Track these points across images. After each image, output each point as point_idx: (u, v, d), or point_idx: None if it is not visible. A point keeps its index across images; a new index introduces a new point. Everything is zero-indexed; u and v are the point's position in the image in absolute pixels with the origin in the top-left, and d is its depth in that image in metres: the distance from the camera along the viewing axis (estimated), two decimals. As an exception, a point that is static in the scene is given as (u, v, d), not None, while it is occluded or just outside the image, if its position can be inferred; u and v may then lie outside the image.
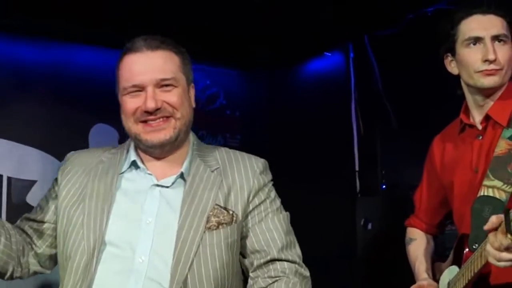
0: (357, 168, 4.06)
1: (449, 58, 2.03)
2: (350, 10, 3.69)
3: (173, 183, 1.72)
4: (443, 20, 2.04)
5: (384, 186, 3.73)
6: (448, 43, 2.00)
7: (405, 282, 2.20)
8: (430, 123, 2.58)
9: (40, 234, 1.77)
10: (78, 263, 1.63)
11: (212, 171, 1.73)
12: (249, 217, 1.72)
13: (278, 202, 1.80)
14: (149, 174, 1.74)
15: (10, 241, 1.68)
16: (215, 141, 4.86)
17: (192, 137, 1.82)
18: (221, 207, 1.68)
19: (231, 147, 1.89)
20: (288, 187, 4.58)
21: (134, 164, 1.76)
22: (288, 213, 1.83)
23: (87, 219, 1.66)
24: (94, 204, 1.69)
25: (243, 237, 1.72)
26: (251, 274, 1.73)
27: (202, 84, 4.96)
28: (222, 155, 1.80)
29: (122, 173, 1.76)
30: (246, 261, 1.74)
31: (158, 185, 1.71)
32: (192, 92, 1.80)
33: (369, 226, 3.58)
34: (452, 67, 2.03)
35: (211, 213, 1.66)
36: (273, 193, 1.80)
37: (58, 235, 1.73)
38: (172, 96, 1.69)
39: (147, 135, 1.68)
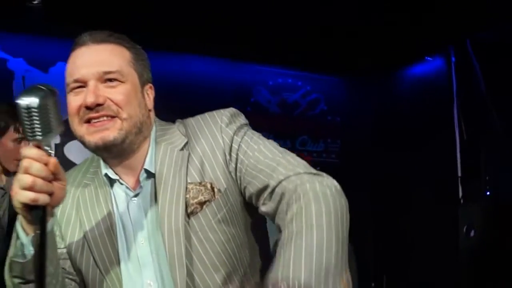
0: (459, 174, 3.99)
1: None
2: (450, 14, 3.66)
3: (141, 186, 1.53)
4: None
5: (488, 193, 3.63)
6: None
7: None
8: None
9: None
10: None
11: (181, 149, 1.53)
12: (237, 170, 1.50)
13: (255, 137, 1.53)
14: (122, 184, 1.55)
15: None
16: (316, 145, 4.96)
17: (154, 129, 1.59)
18: (196, 184, 1.48)
19: (331, 152, 1.53)
20: (391, 192, 4.64)
21: (108, 177, 1.56)
22: (271, 140, 1.55)
23: (99, 260, 1.51)
24: (98, 244, 1.52)
25: (245, 188, 1.49)
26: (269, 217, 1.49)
27: (303, 90, 5.08)
28: (186, 127, 1.58)
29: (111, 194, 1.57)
30: (262, 208, 1.47)
31: (134, 196, 1.53)
32: (150, 93, 1.57)
33: (472, 233, 3.50)
34: None
35: (187, 196, 1.46)
36: (247, 134, 1.53)
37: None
38: (117, 93, 1.46)
39: (90, 136, 1.45)
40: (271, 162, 1.45)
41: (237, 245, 1.50)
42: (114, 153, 1.51)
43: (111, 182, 1.55)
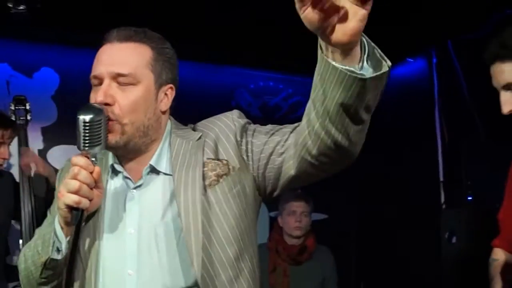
0: (441, 179, 3.95)
1: None
2: (431, 15, 3.61)
3: (145, 180, 1.58)
4: None
5: (470, 198, 3.58)
6: None
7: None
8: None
9: None
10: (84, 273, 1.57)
11: (197, 140, 1.58)
12: (248, 150, 1.56)
13: (260, 126, 1.61)
14: (126, 177, 1.61)
15: None
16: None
17: (167, 128, 1.65)
18: (213, 159, 1.54)
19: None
20: (372, 197, 4.62)
21: (112, 168, 1.63)
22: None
23: (84, 240, 1.57)
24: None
25: (261, 154, 1.54)
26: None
27: (285, 93, 5.02)
28: (200, 126, 1.64)
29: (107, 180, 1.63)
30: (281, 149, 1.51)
31: (135, 188, 1.59)
32: (170, 94, 1.61)
33: (454, 239, 3.43)
34: None
35: (205, 169, 1.52)
36: (255, 126, 1.61)
37: None
38: (125, 98, 1.52)
39: None
40: (275, 128, 1.56)
41: (247, 224, 1.56)
42: (119, 152, 1.60)
43: (115, 172, 1.63)
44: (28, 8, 3.55)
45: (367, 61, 1.21)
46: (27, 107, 3.39)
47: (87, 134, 1.40)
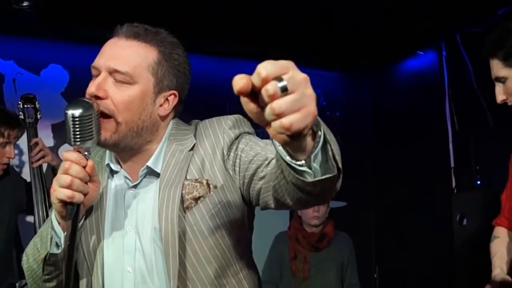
0: (452, 165, 4.09)
1: None
2: (441, 9, 3.75)
3: (142, 180, 1.57)
4: None
5: (479, 182, 3.72)
6: None
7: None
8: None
9: None
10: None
11: (190, 150, 1.55)
12: (235, 164, 1.52)
13: (255, 139, 1.55)
14: (124, 177, 1.59)
15: None
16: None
17: (167, 132, 1.60)
18: (192, 180, 1.51)
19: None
20: (387, 184, 4.74)
21: (110, 168, 1.61)
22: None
23: (84, 242, 1.57)
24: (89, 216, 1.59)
25: (245, 172, 1.49)
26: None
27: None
28: (198, 129, 1.60)
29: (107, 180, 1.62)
30: (261, 173, 1.45)
31: (132, 187, 1.58)
32: (171, 100, 1.56)
33: (465, 222, 3.57)
34: None
35: (183, 192, 1.50)
36: (248, 137, 1.55)
37: None
38: (120, 94, 1.47)
39: None
40: (266, 147, 1.48)
41: (232, 241, 1.53)
42: (112, 150, 1.57)
43: (114, 171, 1.60)
44: (31, 5, 3.50)
45: (314, 160, 1.10)
46: (36, 105, 3.34)
47: (77, 129, 1.35)
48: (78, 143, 1.36)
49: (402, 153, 4.42)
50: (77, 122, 1.35)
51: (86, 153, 1.39)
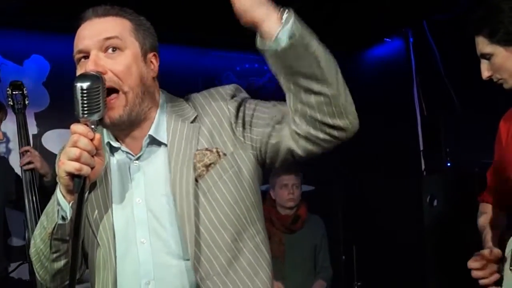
0: (421, 148, 4.20)
1: None
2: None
3: (144, 151, 1.60)
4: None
5: (448, 164, 3.84)
6: None
7: (472, 255, 2.17)
8: (491, 103, 2.61)
9: None
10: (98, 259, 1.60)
11: (192, 122, 1.60)
12: (245, 129, 1.58)
13: (256, 100, 1.63)
14: (126, 152, 1.61)
15: None
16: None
17: (162, 98, 1.65)
18: (203, 149, 1.56)
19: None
20: (356, 169, 4.83)
21: (110, 146, 1.63)
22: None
23: (94, 213, 1.59)
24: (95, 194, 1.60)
25: (262, 145, 1.57)
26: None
27: (270, 74, 5.18)
28: (195, 101, 1.65)
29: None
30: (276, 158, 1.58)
31: (136, 159, 1.59)
32: (155, 61, 1.62)
33: (435, 203, 3.68)
34: None
35: (195, 161, 1.54)
36: (250, 101, 1.61)
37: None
38: (117, 64, 1.51)
39: None
40: (273, 108, 1.57)
41: (246, 206, 1.57)
42: (122, 127, 1.58)
43: (114, 149, 1.62)
44: None
45: (282, 33, 1.33)
46: (24, 92, 3.44)
47: (85, 101, 1.37)
48: (86, 115, 1.38)
49: (372, 138, 4.51)
50: (85, 95, 1.37)
51: (93, 126, 1.41)
